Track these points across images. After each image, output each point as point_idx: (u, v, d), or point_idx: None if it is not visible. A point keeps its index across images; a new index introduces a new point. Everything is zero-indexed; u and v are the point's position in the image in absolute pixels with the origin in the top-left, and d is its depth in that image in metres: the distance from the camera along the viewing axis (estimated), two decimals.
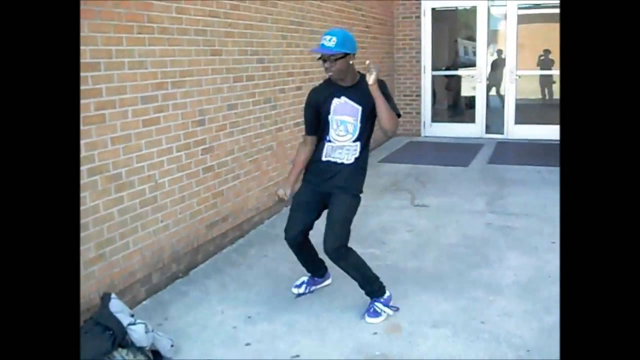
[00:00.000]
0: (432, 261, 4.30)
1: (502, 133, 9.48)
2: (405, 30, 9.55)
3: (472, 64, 9.81)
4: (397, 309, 3.50)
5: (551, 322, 3.33)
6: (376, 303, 3.47)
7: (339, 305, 3.62)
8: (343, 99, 3.32)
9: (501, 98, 9.81)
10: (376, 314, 3.44)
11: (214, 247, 4.51)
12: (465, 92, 10.59)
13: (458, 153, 8.40)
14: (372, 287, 3.49)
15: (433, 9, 9.58)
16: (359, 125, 3.33)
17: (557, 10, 9.06)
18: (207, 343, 3.20)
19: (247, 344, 3.19)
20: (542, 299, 3.63)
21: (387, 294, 3.52)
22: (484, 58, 9.54)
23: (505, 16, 9.28)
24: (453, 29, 10.71)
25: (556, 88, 9.96)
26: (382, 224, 5.13)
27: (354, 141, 3.35)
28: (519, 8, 9.16)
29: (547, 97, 10.42)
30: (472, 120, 9.77)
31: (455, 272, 4.07)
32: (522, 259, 4.29)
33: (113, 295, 3.03)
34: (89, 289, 3.22)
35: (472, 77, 9.69)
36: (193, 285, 3.97)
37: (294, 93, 5.73)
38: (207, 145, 4.35)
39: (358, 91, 3.31)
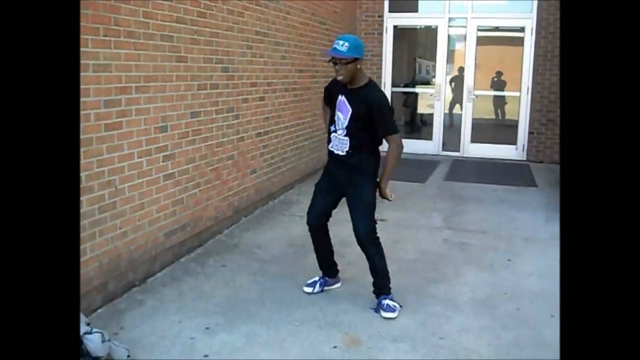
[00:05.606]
0: (391, 275, 4.28)
1: (458, 151, 9.65)
2: (368, 46, 9.63)
3: (428, 82, 9.96)
4: (401, 306, 3.70)
5: (508, 338, 3.39)
6: (387, 300, 3.70)
7: (299, 317, 3.61)
8: (343, 97, 3.61)
9: (456, 116, 10.00)
10: (392, 309, 3.64)
11: (172, 256, 4.43)
12: (421, 109, 10.75)
13: (415, 169, 8.50)
14: (387, 282, 3.78)
15: (395, 27, 9.73)
16: (346, 123, 3.59)
17: (514, 34, 9.37)
18: (165, 354, 3.13)
19: (205, 356, 3.13)
20: (499, 315, 3.70)
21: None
22: (442, 76, 9.72)
23: (464, 37, 9.49)
24: (412, 47, 10.87)
25: (508, 108, 10.21)
26: (341, 237, 5.10)
27: (345, 135, 3.62)
28: (479, 30, 9.39)
29: (500, 117, 10.66)
30: (429, 137, 9.92)
31: (414, 286, 4.11)
32: (479, 276, 4.37)
33: None
34: None
35: (431, 95, 9.85)
36: (150, 294, 3.88)
37: (256, 103, 5.71)
38: (168, 152, 4.28)
39: (356, 96, 3.57)
